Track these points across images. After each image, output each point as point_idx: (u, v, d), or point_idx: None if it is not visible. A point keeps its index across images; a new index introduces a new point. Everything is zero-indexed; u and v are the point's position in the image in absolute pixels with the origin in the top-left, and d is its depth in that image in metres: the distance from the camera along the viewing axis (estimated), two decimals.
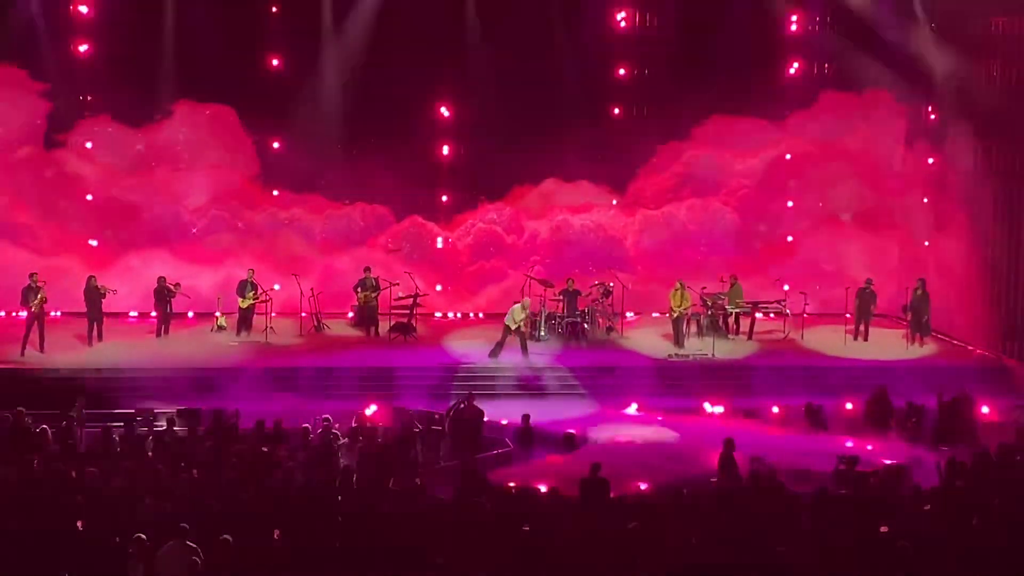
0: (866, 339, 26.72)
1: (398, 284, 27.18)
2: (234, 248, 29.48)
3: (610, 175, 32.05)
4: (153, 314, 26.33)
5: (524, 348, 24.80)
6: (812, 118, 31.14)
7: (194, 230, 29.92)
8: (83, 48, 29.41)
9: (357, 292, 27.14)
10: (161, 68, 29.31)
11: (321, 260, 29.64)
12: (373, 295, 26.94)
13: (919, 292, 26.44)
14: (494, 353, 24.73)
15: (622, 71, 31.73)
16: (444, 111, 31.30)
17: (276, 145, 30.78)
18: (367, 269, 27.49)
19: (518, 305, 25.06)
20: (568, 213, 31.33)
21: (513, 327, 24.73)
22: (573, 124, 30.37)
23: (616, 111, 32.00)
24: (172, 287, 25.87)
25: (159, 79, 29.44)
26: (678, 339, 26.01)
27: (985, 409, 22.05)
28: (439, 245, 30.95)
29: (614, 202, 32.09)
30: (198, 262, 28.46)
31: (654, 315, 28.62)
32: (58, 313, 26.44)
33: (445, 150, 31.58)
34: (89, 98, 30.17)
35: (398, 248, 30.05)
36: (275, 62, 30.43)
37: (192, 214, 30.05)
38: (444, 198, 31.93)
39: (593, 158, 31.45)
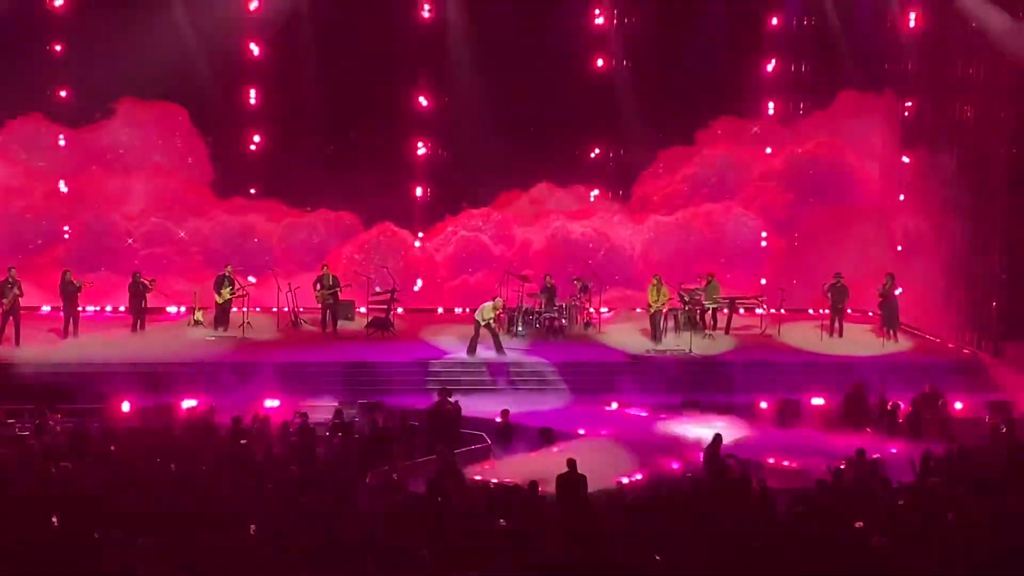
0: (840, 334, 26.83)
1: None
2: (176, 261, 28.35)
3: (610, 179, 30.84)
4: (122, 308, 26.15)
5: (497, 345, 24.71)
6: (826, 119, 30.74)
7: (130, 240, 28.58)
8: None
9: (316, 289, 26.76)
10: (104, 63, 27.78)
11: (281, 273, 27.68)
12: (329, 293, 26.72)
13: (887, 286, 26.60)
14: (471, 349, 24.72)
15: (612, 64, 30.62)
16: (422, 101, 29.88)
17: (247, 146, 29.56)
18: (324, 267, 27.11)
19: (489, 303, 24.95)
20: (566, 219, 29.80)
21: (482, 323, 24.67)
22: (568, 124, 29.43)
23: (615, 111, 30.60)
24: (147, 282, 25.72)
25: (101, 74, 27.97)
26: (656, 334, 26.06)
27: (959, 405, 22.21)
28: (414, 254, 29.17)
29: (592, 193, 30.92)
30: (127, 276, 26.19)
31: (613, 309, 28.53)
32: None
33: (421, 149, 30.08)
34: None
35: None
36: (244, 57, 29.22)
37: (130, 222, 28.64)
38: (419, 195, 30.36)
39: (590, 160, 30.31)
